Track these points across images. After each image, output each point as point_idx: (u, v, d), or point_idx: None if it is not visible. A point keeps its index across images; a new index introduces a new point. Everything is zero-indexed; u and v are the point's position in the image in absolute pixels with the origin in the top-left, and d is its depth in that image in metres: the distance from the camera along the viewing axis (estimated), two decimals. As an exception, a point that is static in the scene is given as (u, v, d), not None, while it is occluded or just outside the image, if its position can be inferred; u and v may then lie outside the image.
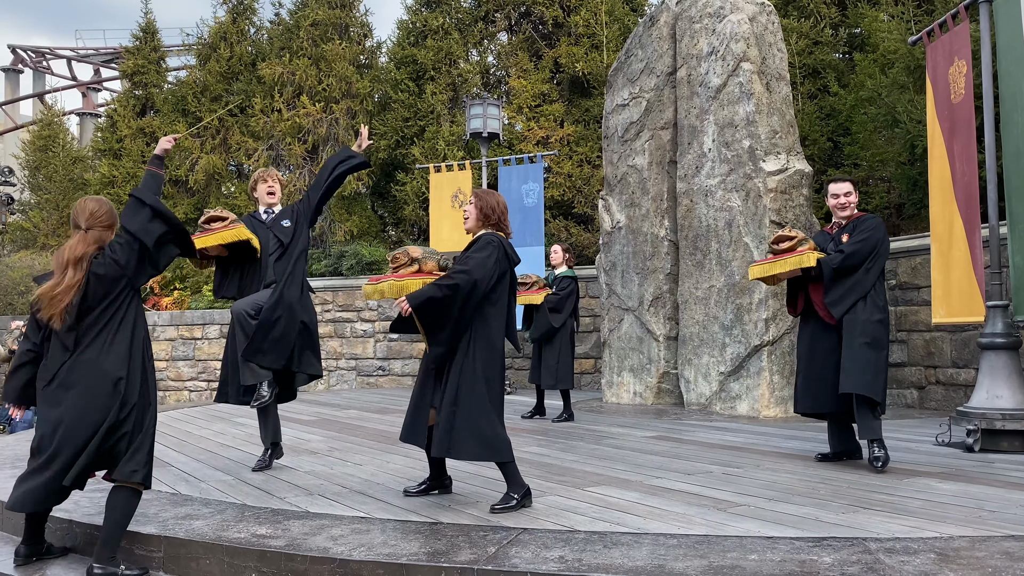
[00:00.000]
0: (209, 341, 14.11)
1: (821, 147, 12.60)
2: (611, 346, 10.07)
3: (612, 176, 10.29)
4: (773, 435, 6.85)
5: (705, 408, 8.79)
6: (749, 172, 8.53)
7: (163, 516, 4.30)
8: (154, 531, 4.01)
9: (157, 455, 6.31)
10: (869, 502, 4.37)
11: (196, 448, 6.69)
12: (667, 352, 9.53)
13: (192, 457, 6.21)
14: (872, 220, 5.62)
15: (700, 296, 8.97)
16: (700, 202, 9.02)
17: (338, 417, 8.87)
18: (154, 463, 5.89)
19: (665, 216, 9.63)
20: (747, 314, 8.45)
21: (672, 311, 9.54)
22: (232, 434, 7.57)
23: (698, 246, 9.03)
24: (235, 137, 17.00)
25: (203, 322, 14.20)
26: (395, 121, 16.28)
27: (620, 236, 10.05)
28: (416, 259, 4.61)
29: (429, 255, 4.64)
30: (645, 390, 9.62)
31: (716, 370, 8.72)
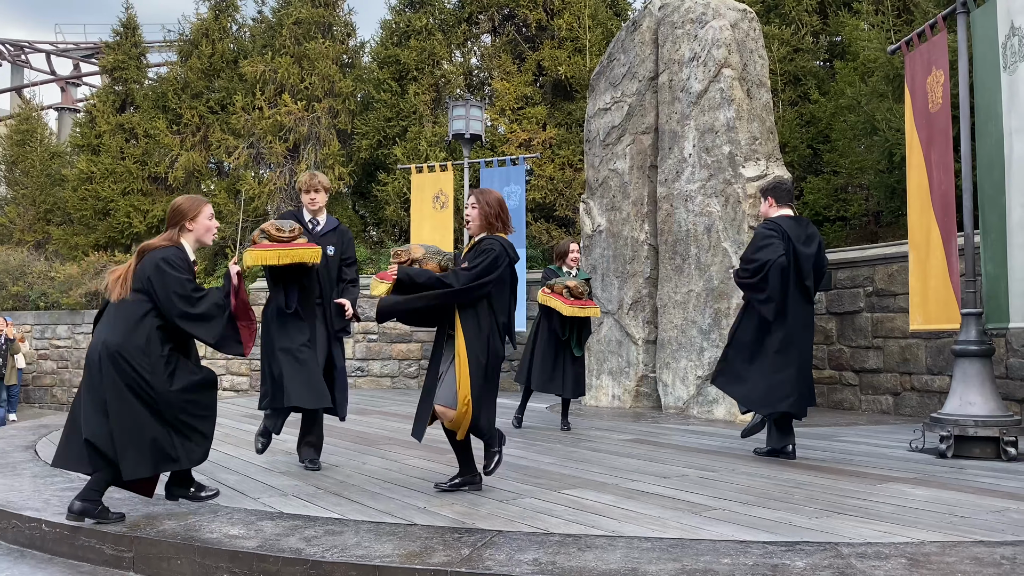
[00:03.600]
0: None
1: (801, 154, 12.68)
2: (590, 349, 10.08)
3: (593, 180, 10.31)
4: (750, 441, 6.87)
5: (683, 412, 8.81)
6: (729, 178, 8.57)
7: (134, 516, 4.25)
8: (124, 531, 3.97)
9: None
10: (842, 507, 4.40)
11: (170, 447, 6.60)
12: (646, 356, 9.55)
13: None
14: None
15: (679, 300, 9.00)
16: (680, 207, 9.05)
17: (315, 417, 8.82)
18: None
19: (645, 220, 9.65)
20: (725, 319, 8.49)
21: (651, 315, 9.57)
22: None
23: (677, 250, 9.06)
24: (216, 134, 16.90)
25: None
26: (377, 121, 16.24)
27: (601, 240, 10.06)
28: (417, 260, 4.60)
29: (431, 255, 4.63)
30: (624, 393, 9.64)
31: (694, 374, 8.75)
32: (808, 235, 5.96)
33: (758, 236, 5.92)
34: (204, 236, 4.36)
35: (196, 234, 4.34)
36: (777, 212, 6.05)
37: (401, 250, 4.62)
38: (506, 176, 12.25)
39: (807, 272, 5.90)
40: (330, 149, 16.13)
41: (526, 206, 13.02)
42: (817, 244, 5.94)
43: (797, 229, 5.93)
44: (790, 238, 5.86)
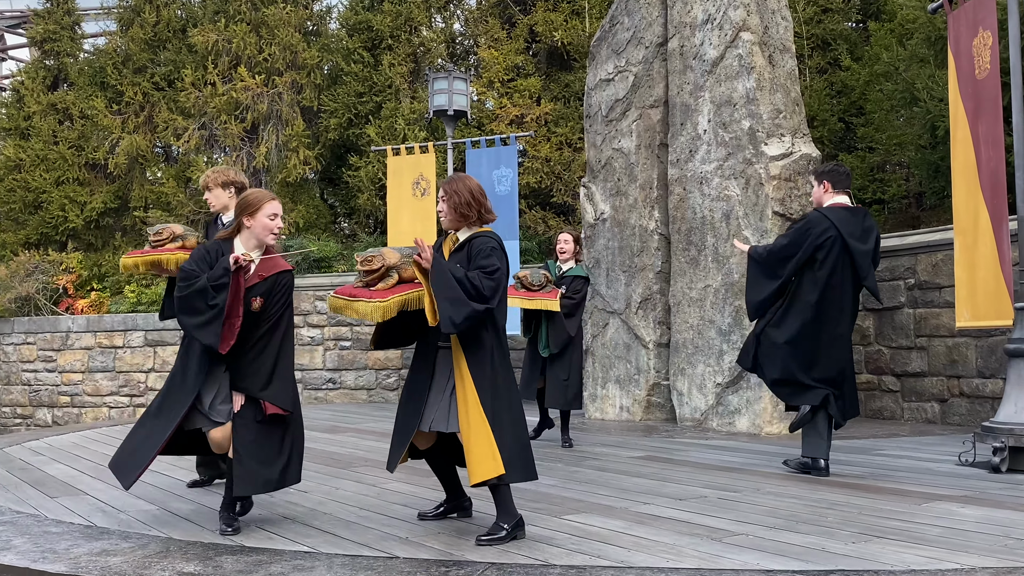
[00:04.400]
0: (132, 350, 13.97)
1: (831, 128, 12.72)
2: (594, 354, 10.09)
3: (595, 161, 10.31)
4: (776, 455, 6.90)
5: (700, 424, 8.84)
6: (749, 157, 8.59)
7: (75, 552, 4.25)
8: (64, 570, 3.97)
9: (68, 481, 6.25)
10: (882, 530, 4.42)
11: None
12: (657, 361, 9.57)
13: (111, 484, 6.14)
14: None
15: (694, 297, 9.02)
16: (694, 190, 9.07)
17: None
18: (66, 491, 5.84)
19: (655, 206, 9.67)
20: (747, 317, 8.50)
21: (663, 314, 9.59)
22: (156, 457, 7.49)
23: (692, 240, 9.08)
24: (162, 114, 16.86)
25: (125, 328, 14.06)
26: (347, 97, 16.23)
27: (604, 229, 10.08)
28: (394, 267, 4.50)
29: (408, 260, 4.52)
30: (633, 404, 9.66)
31: (712, 381, 8.77)
32: (865, 228, 6.05)
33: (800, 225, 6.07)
34: (262, 235, 4.68)
35: (255, 231, 4.68)
36: (832, 199, 6.12)
37: (371, 255, 4.49)
38: (495, 158, 12.26)
39: (865, 270, 6.00)
40: (293, 129, 16.12)
41: (519, 192, 13.02)
42: (875, 239, 6.04)
43: (851, 222, 6.02)
44: (840, 233, 5.94)
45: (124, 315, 14.17)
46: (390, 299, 4.43)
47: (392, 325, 4.59)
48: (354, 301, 4.46)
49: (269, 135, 16.35)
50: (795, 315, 6.05)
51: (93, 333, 14.16)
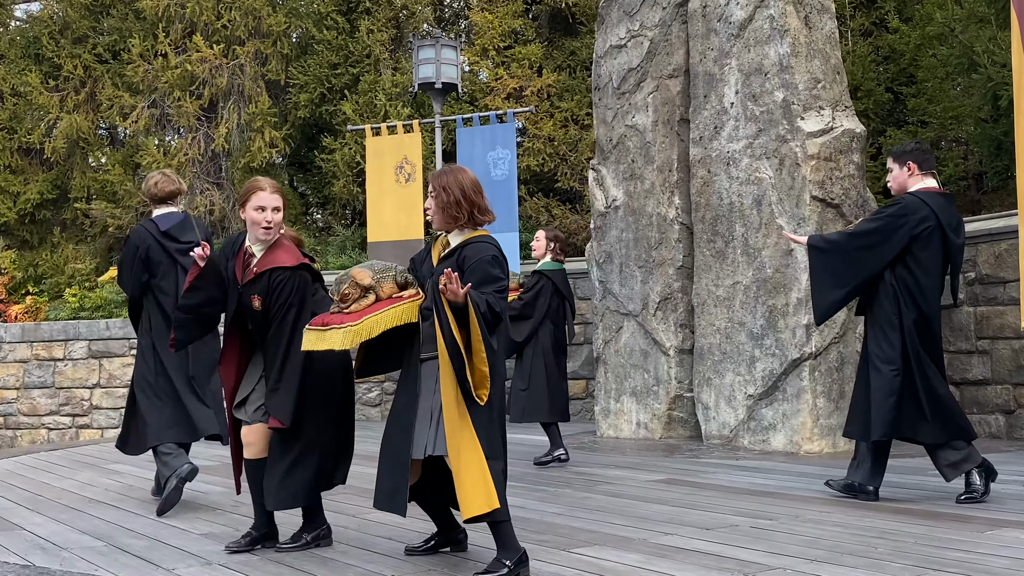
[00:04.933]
0: (74, 363, 13.96)
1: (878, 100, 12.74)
2: (607, 363, 10.09)
3: (606, 139, 10.31)
4: (818, 476, 6.90)
5: (729, 442, 8.85)
6: (783, 133, 8.59)
7: (10, 596, 4.25)
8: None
9: (1, 514, 6.24)
10: (940, 562, 4.42)
11: (56, 505, 6.62)
12: (680, 370, 9.57)
13: (51, 517, 6.14)
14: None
15: (721, 296, 9.02)
16: (720, 173, 9.07)
17: (246, 461, 8.79)
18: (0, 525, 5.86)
19: (675, 192, 9.67)
20: (783, 319, 8.52)
21: (686, 316, 9.58)
22: (104, 486, 7.51)
23: (718, 231, 9.08)
24: (106, 91, 16.85)
25: (65, 337, 14.04)
26: (319, 68, 16.23)
27: (617, 218, 10.08)
28: (370, 287, 4.55)
29: (383, 275, 4.57)
30: (652, 420, 9.66)
31: (743, 392, 8.78)
32: (959, 219, 6.03)
33: (893, 209, 5.93)
34: (254, 230, 4.95)
35: (248, 226, 4.98)
36: (919, 183, 6.06)
37: (345, 287, 4.54)
38: (491, 138, 12.26)
39: (958, 269, 6.01)
40: (257, 107, 16.12)
41: (518, 176, 13.02)
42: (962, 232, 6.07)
43: (948, 211, 5.96)
44: (941, 223, 5.87)
45: (64, 323, 14.15)
46: (363, 321, 4.45)
47: (375, 348, 4.63)
48: (327, 331, 4.50)
49: (230, 114, 16.35)
50: (890, 332, 5.89)
51: (29, 344, 14.14)
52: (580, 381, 12.17)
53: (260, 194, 4.95)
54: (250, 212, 4.94)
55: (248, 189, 5.01)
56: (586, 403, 12.05)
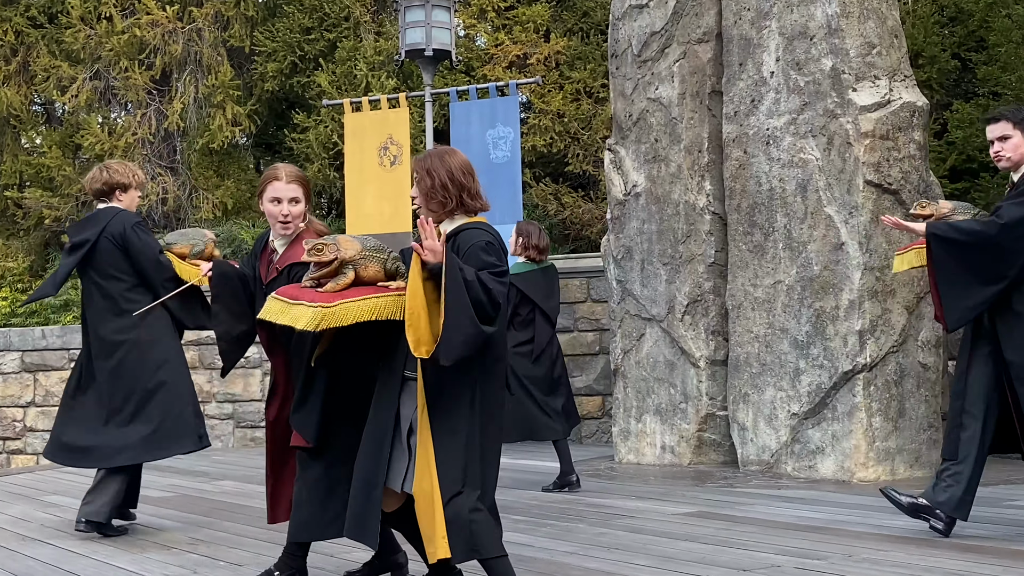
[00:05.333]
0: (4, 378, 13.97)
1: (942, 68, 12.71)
2: (626, 376, 10.08)
3: (624, 115, 10.30)
4: (873, 508, 6.90)
5: (770, 468, 8.86)
6: (832, 107, 8.60)
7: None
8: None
9: (-77, 555, 6.26)
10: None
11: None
12: (712, 384, 9.56)
13: (-22, 557, 6.16)
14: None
15: (760, 297, 9.02)
16: (759, 154, 9.07)
17: (206, 492, 8.82)
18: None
19: (706, 176, 9.67)
20: (832, 324, 8.53)
21: (718, 321, 9.58)
22: (39, 520, 7.52)
23: (756, 221, 9.08)
24: (41, 60, 16.84)
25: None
26: (290, 34, 16.23)
27: (637, 207, 10.07)
28: (350, 262, 4.50)
29: (371, 255, 4.55)
30: (679, 442, 9.66)
31: (786, 410, 8.78)
32: None
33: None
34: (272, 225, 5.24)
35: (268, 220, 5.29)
36: None
37: (323, 243, 4.51)
38: (490, 113, 12.25)
39: None
40: (218, 78, 16.11)
41: (522, 159, 13.02)
42: None
43: None
44: None
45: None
46: (335, 305, 4.41)
47: (343, 339, 4.66)
48: (294, 305, 4.46)
49: (185, 87, 16.35)
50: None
51: (-49, 355, 14.14)
52: (595, 398, 12.15)
53: (275, 184, 5.10)
54: (266, 205, 5.15)
55: (264, 179, 5.20)
56: (602, 423, 12.04)
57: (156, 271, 6.79)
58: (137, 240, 6.76)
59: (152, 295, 6.79)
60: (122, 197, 6.98)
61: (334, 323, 4.41)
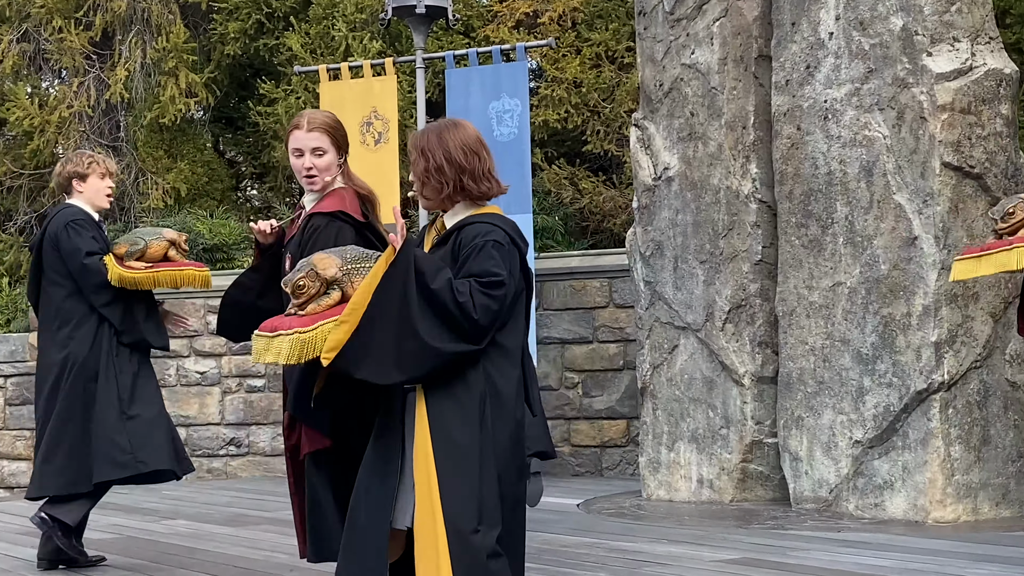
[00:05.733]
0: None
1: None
2: (656, 396, 10.04)
3: (654, 84, 10.27)
4: (953, 554, 6.88)
5: (829, 507, 8.82)
6: (903, 75, 8.56)
7: None
8: None
9: None
10: None
11: None
12: (758, 405, 9.52)
13: None
14: None
15: (817, 302, 8.97)
16: (815, 131, 9.03)
17: (154, 534, 8.82)
18: None
19: (751, 157, 9.63)
20: (903, 334, 8.48)
21: (766, 330, 9.54)
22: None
23: (811, 211, 9.03)
24: (-42, 19, 16.84)
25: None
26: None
27: (670, 194, 10.04)
28: (334, 281, 4.52)
29: (356, 267, 4.55)
30: (719, 475, 9.62)
31: (847, 437, 8.73)
32: None
33: None
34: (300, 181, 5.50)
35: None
36: None
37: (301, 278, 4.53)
38: (494, 83, 12.21)
39: None
40: (170, 40, 16.09)
41: (532, 136, 12.97)
42: None
43: None
44: None
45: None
46: (316, 328, 4.41)
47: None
48: (274, 338, 4.49)
49: (131, 51, 16.33)
50: None
51: None
52: (618, 422, 12.15)
53: (295, 135, 5.33)
54: (291, 159, 5.41)
55: (288, 129, 5.43)
56: (626, 452, 12.02)
57: (80, 276, 7.03)
58: (67, 240, 7.03)
59: (87, 305, 7.05)
60: (81, 188, 7.31)
61: (317, 350, 4.38)
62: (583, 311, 11.78)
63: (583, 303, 11.88)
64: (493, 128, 12.02)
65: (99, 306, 7.05)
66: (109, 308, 7.04)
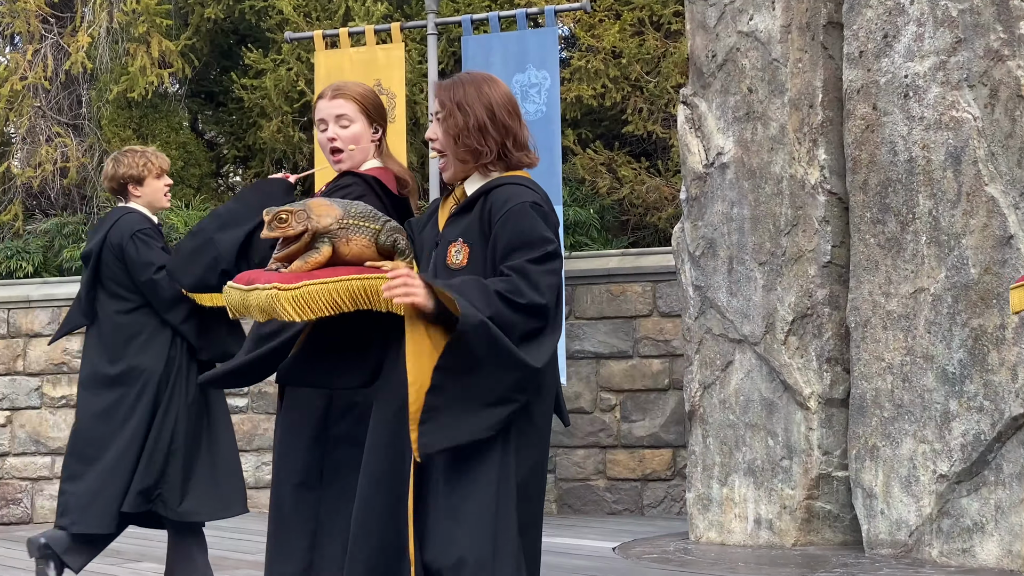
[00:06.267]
0: None
1: None
2: (706, 421, 10.05)
3: (706, 56, 10.28)
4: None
5: (908, 552, 8.83)
6: (997, 46, 8.58)
7: None
8: None
9: None
10: None
11: None
12: (826, 432, 9.52)
13: None
14: None
15: (896, 312, 8.97)
16: (894, 110, 9.02)
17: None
18: None
19: (819, 141, 9.63)
20: (996, 349, 8.48)
21: (836, 344, 9.53)
22: None
23: (890, 205, 9.03)
24: None
25: None
26: (240, -60, 16.27)
27: (724, 183, 10.04)
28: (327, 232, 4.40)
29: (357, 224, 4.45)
30: (779, 514, 9.61)
31: (931, 470, 8.72)
32: None
33: None
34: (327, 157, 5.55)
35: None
36: None
37: (287, 210, 4.37)
38: (519, 52, 12.25)
39: None
40: (141, 2, 16.13)
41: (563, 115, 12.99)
42: None
43: None
44: None
45: None
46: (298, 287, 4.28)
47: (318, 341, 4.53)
48: (250, 291, 4.35)
49: (95, 13, 16.39)
50: None
51: None
52: (662, 451, 12.18)
53: (318, 105, 5.46)
54: (317, 134, 5.49)
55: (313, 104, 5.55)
56: (672, 487, 12.04)
57: (151, 291, 7.20)
58: (135, 253, 7.19)
59: (157, 319, 7.26)
60: (138, 192, 7.45)
61: (295, 311, 4.24)
62: (622, 321, 11.80)
63: (622, 311, 11.90)
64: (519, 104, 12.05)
65: (176, 323, 7.23)
66: (187, 324, 7.22)
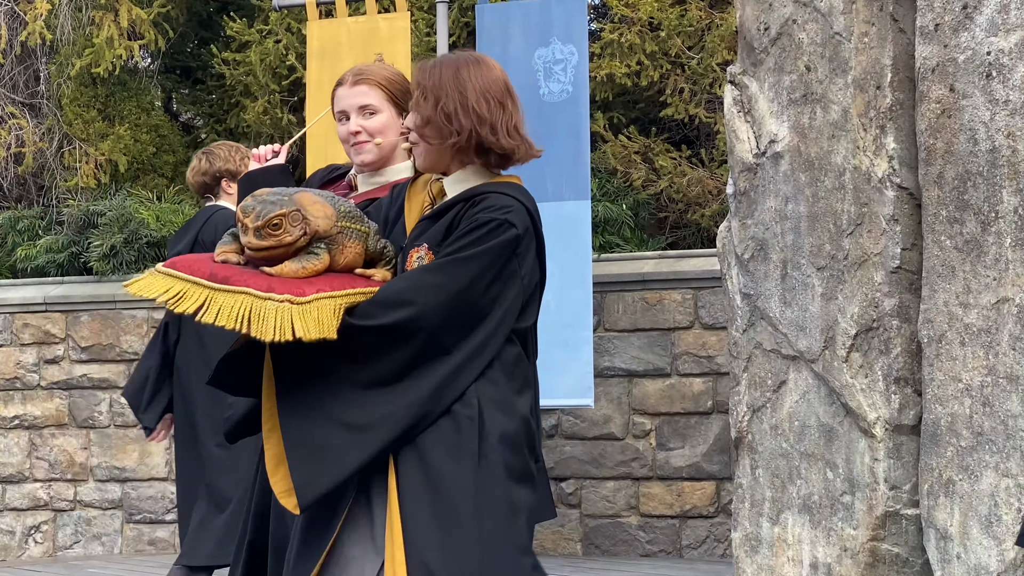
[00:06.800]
0: None
1: None
2: (756, 449, 10.09)
3: (757, 28, 10.33)
4: None
5: (988, 602, 8.86)
6: (1095, 19, 8.61)
7: None
8: None
9: None
10: None
11: None
12: (894, 464, 9.56)
13: None
14: None
15: (975, 325, 9.01)
16: (974, 93, 9.07)
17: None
18: None
19: (887, 127, 9.67)
20: (1091, 369, 8.50)
21: (905, 361, 9.57)
22: None
23: (969, 202, 9.07)
24: None
25: None
26: None
27: (777, 176, 10.09)
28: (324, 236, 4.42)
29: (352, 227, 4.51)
30: (840, 558, 9.66)
31: (1015, 507, 8.76)
32: None
33: None
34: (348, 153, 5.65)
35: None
36: None
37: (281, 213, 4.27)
38: (542, 23, 12.30)
39: None
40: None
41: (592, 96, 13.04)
42: None
43: None
44: None
45: None
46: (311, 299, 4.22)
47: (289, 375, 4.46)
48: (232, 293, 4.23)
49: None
50: None
51: None
52: (704, 484, 12.21)
53: (336, 93, 5.41)
54: (337, 128, 5.51)
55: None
56: (715, 525, 12.08)
57: None
58: None
59: None
60: (231, 189, 7.70)
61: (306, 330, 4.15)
62: (658, 333, 11.83)
63: (658, 322, 11.93)
64: (540, 84, 12.13)
65: None
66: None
